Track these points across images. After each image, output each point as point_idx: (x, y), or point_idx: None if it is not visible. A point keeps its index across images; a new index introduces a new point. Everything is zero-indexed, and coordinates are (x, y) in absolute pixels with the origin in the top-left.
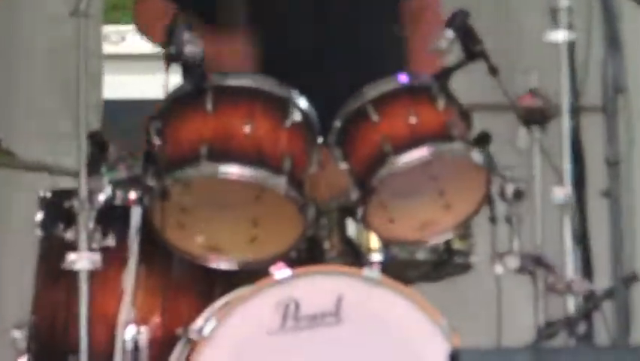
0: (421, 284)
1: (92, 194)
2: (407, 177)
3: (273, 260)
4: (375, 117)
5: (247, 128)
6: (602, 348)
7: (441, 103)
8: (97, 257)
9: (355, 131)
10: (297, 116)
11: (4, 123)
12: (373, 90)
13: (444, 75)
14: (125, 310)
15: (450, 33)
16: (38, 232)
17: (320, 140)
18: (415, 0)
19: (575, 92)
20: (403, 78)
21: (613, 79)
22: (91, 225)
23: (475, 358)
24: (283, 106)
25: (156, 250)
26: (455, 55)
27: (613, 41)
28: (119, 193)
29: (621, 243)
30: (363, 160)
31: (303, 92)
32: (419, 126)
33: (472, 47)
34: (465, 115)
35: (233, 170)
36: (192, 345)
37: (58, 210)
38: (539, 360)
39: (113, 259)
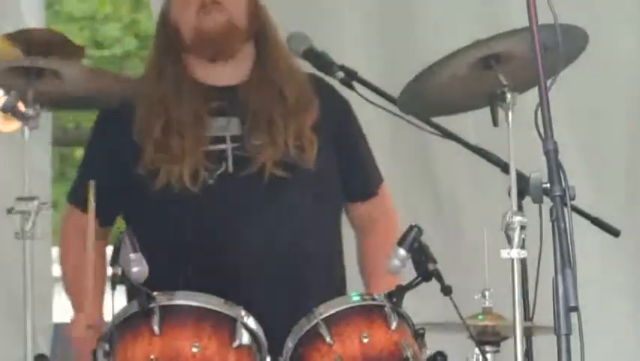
0: None
1: None
2: None
3: None
4: (327, 337)
5: (194, 349)
6: None
7: (394, 323)
8: None
9: (308, 352)
10: (244, 339)
11: None
12: (326, 310)
13: (397, 294)
14: None
15: (402, 251)
16: None
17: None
18: (364, 205)
19: (528, 312)
20: (356, 298)
21: (564, 298)
22: None
23: None
24: (231, 326)
25: None
26: (408, 273)
27: (564, 259)
28: None
29: None
30: None
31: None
32: (372, 347)
33: (425, 266)
34: (418, 335)
35: None
36: None
37: None
38: None
39: None
